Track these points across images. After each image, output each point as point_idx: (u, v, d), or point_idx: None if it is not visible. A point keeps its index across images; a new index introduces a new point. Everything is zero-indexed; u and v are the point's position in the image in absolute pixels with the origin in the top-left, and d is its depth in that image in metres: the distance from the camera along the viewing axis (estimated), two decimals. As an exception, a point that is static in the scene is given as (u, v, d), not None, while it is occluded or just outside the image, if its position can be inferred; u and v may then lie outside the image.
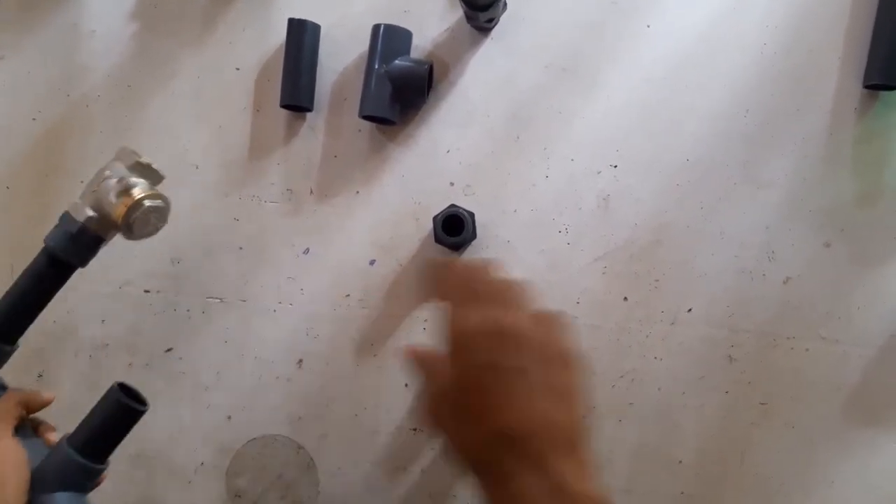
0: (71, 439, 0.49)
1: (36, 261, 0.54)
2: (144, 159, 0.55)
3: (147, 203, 0.52)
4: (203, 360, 0.77)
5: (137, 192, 0.52)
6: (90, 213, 0.52)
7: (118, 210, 0.51)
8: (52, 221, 0.80)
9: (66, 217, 0.53)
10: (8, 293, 0.54)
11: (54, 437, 0.53)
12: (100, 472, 0.50)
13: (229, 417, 0.78)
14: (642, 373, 0.73)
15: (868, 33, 0.70)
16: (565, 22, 0.74)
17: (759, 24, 0.72)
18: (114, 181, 0.52)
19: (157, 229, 0.56)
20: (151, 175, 0.55)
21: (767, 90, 0.72)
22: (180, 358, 0.77)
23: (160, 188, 0.56)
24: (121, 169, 0.53)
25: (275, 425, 0.77)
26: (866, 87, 0.70)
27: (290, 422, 0.76)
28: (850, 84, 0.71)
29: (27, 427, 0.53)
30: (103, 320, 0.79)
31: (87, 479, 0.49)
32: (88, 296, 0.79)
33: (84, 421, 0.49)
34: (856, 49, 0.71)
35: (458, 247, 0.73)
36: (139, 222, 0.52)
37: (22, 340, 0.78)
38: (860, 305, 0.71)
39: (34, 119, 0.80)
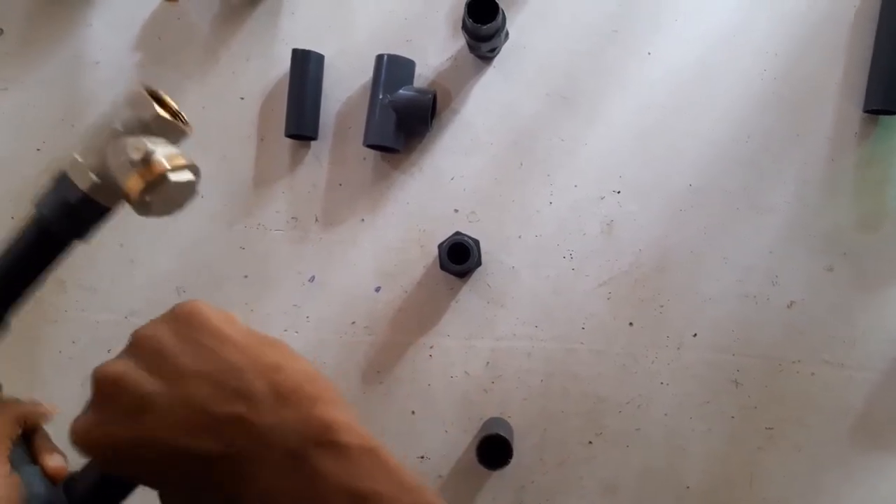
0: (71, 488, 0.39)
1: (24, 233, 0.42)
2: (167, 111, 0.40)
3: (172, 178, 0.38)
4: (209, 390, 0.77)
5: (159, 163, 0.38)
6: (94, 178, 0.39)
7: (132, 183, 0.38)
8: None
9: (63, 180, 0.40)
10: None
11: (55, 462, 0.42)
12: None
13: (235, 446, 0.77)
14: (648, 398, 0.73)
15: (867, 59, 0.71)
16: (566, 50, 0.74)
17: (759, 50, 0.72)
18: (127, 143, 0.38)
19: (181, 206, 0.41)
20: (174, 131, 0.41)
21: (768, 116, 0.72)
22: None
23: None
24: (134, 121, 0.39)
25: (281, 454, 0.76)
26: (866, 111, 0.71)
27: (296, 450, 0.76)
28: (849, 109, 0.71)
29: (21, 448, 0.42)
30: (109, 350, 0.78)
31: None
32: (94, 325, 0.79)
33: (88, 467, 0.39)
34: (855, 74, 0.71)
35: (464, 274, 0.73)
36: (160, 201, 0.39)
37: (27, 365, 0.79)
38: (864, 329, 0.71)
39: (39, 149, 0.80)
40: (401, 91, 0.72)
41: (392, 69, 0.73)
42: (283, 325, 0.76)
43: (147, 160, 0.38)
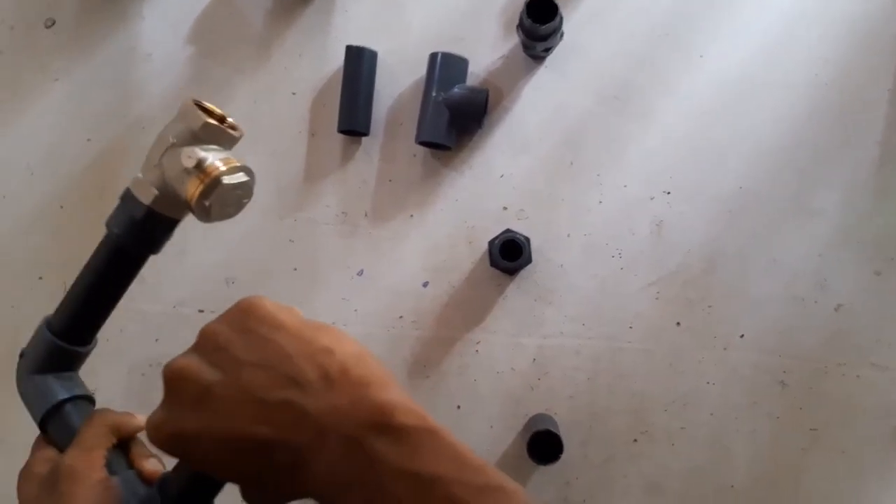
0: (164, 488, 0.39)
1: (100, 252, 0.45)
2: (213, 118, 0.42)
3: (226, 181, 0.40)
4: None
5: (212, 168, 0.40)
6: (156, 192, 0.42)
7: (190, 190, 0.40)
8: (97, 242, 0.81)
9: (128, 197, 0.43)
10: (74, 289, 0.45)
11: (151, 466, 0.43)
12: None
13: (281, 438, 0.78)
14: (694, 398, 0.73)
15: (917, 65, 0.71)
16: (618, 51, 0.75)
17: (811, 55, 0.73)
18: (181, 152, 0.41)
19: (240, 208, 0.43)
20: (225, 137, 0.43)
21: (818, 120, 0.73)
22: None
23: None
24: (186, 132, 0.41)
25: (326, 446, 0.77)
26: (916, 117, 0.71)
27: (341, 443, 0.77)
28: (899, 115, 0.72)
29: (119, 456, 0.43)
30: (157, 339, 0.79)
31: None
32: (142, 315, 0.79)
33: (180, 465, 0.39)
34: (905, 80, 0.72)
35: (514, 271, 0.74)
36: (218, 204, 0.41)
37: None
38: (910, 333, 0.72)
39: (89, 140, 0.81)
40: (455, 89, 0.73)
41: (446, 67, 0.73)
42: (330, 319, 0.77)
43: (201, 166, 0.40)
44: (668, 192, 0.74)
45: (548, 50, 0.73)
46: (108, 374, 0.79)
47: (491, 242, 0.72)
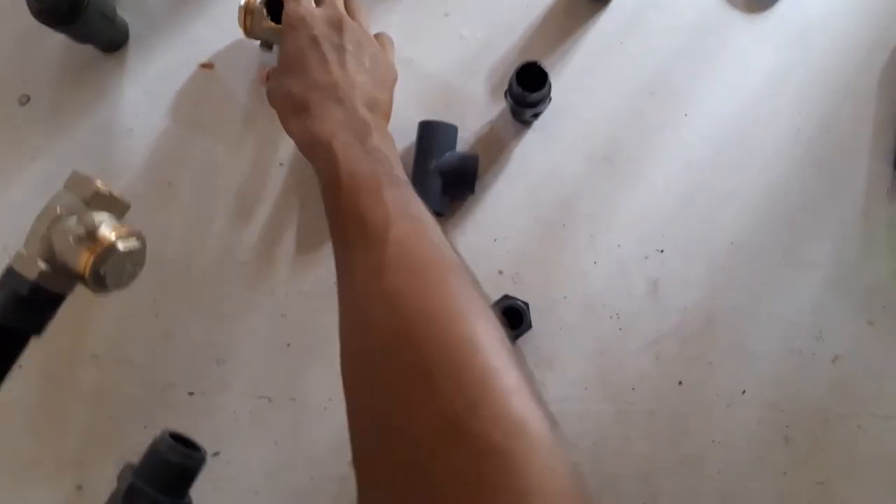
0: None
1: None
2: (103, 187, 0.42)
3: (121, 247, 0.40)
4: (252, 463, 0.74)
5: (107, 234, 0.40)
6: (42, 266, 0.41)
7: (83, 260, 0.40)
8: (82, 325, 0.78)
9: (10, 274, 0.41)
10: None
11: None
12: None
13: (279, 521, 0.75)
14: (701, 457, 0.73)
15: (894, 117, 0.73)
16: (605, 113, 0.76)
17: (792, 110, 0.75)
18: (72, 221, 0.40)
19: (133, 277, 0.43)
20: (115, 206, 0.43)
21: (804, 174, 0.74)
22: (228, 462, 0.74)
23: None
24: (76, 203, 0.41)
25: (327, 527, 0.74)
26: (896, 169, 0.73)
27: (343, 522, 0.74)
28: (880, 167, 0.74)
29: None
30: (145, 426, 0.76)
31: None
32: (129, 400, 0.76)
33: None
34: (883, 133, 0.74)
35: (514, 339, 0.73)
36: (112, 272, 0.41)
37: (60, 450, 0.76)
38: (907, 380, 0.72)
39: (69, 219, 0.78)
40: (446, 156, 0.72)
41: (436, 135, 0.73)
42: (327, 394, 0.75)
43: (93, 234, 0.40)
44: (662, 251, 0.74)
45: (536, 115, 0.74)
46: (95, 465, 0.75)
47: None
